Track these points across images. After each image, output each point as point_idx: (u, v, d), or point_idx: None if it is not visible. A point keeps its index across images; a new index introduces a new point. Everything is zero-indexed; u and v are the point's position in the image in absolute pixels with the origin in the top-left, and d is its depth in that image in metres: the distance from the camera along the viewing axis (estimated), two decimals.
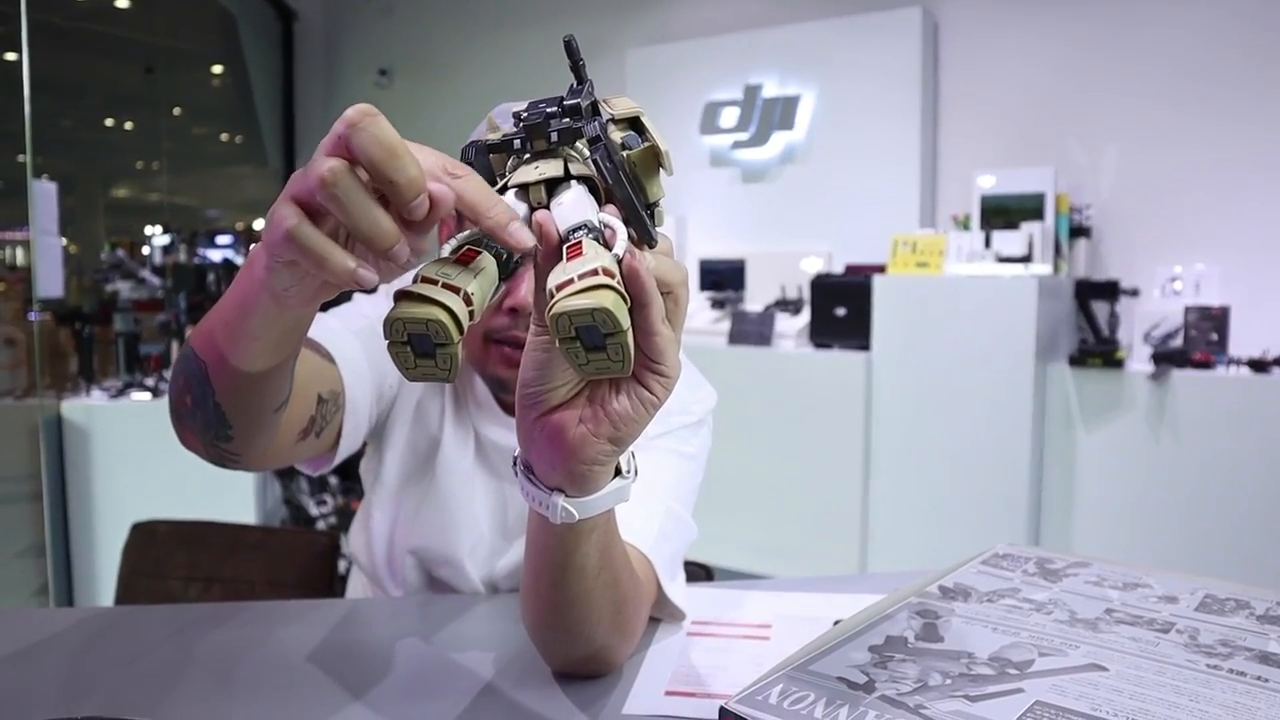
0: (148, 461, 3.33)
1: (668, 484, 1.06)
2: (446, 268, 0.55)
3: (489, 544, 1.18)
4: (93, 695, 0.85)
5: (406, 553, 1.20)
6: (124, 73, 5.95)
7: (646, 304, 0.59)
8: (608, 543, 0.78)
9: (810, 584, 1.15)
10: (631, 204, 0.60)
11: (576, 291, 0.54)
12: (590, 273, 0.55)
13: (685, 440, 1.11)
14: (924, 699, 0.56)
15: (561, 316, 0.54)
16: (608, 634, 0.84)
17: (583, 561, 0.76)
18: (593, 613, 0.80)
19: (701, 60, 4.66)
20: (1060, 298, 3.54)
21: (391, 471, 1.20)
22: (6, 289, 4.03)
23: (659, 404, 0.65)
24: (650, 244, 0.61)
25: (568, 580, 0.77)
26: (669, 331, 0.62)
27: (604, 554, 0.77)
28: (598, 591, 0.79)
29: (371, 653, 0.95)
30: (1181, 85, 3.66)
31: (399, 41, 6.06)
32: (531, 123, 0.59)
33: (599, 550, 0.76)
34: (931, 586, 0.76)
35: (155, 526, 1.72)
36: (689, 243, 4.74)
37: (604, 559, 0.78)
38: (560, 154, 0.60)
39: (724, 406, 1.19)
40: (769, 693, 0.57)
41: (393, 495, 1.21)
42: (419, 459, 1.20)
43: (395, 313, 0.53)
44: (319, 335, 1.02)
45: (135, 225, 6.18)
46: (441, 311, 0.52)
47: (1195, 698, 0.56)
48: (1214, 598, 0.74)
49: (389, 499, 1.21)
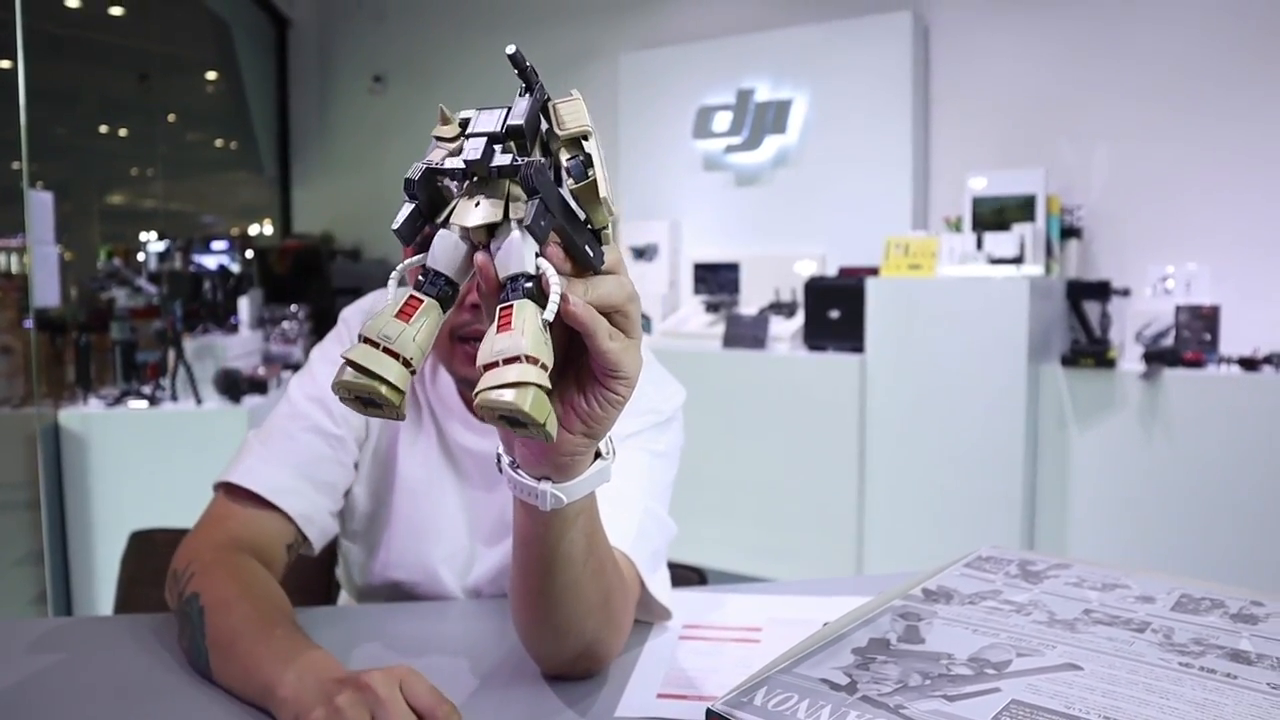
0: (145, 469, 3.34)
1: (642, 484, 1.08)
2: (388, 327, 0.60)
3: (465, 550, 1.20)
4: (93, 704, 0.86)
5: (385, 583, 1.22)
6: (118, 80, 5.97)
7: (591, 332, 0.64)
8: (592, 529, 0.81)
9: (801, 587, 1.16)
10: (571, 240, 0.62)
11: (498, 385, 0.57)
12: (514, 359, 0.58)
13: (655, 439, 1.13)
14: (904, 699, 0.58)
15: (485, 405, 0.58)
16: (598, 627, 0.87)
17: (569, 549, 0.79)
18: (582, 604, 0.84)
19: (694, 65, 4.69)
20: (1052, 298, 3.56)
21: (360, 502, 1.22)
22: (2, 297, 4.04)
23: (624, 401, 0.70)
24: (595, 270, 0.65)
25: (556, 570, 0.80)
26: (619, 344, 0.66)
27: (589, 540, 0.81)
28: (586, 580, 0.82)
29: (365, 658, 0.97)
30: (1171, 85, 3.69)
31: (393, 48, 6.08)
32: (471, 158, 0.60)
33: (585, 536, 0.80)
34: (915, 589, 0.78)
35: (153, 535, 1.72)
36: (683, 246, 4.76)
37: (590, 545, 0.81)
38: (502, 189, 0.62)
39: (718, 409, 1.22)
40: (754, 695, 0.59)
41: (364, 526, 1.23)
42: (381, 484, 1.22)
43: (341, 379, 0.60)
44: (269, 493, 1.09)
45: (130, 232, 6.19)
46: (380, 384, 0.59)
47: (1166, 695, 0.58)
48: (1189, 597, 0.76)
49: (361, 531, 1.24)
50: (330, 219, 6.39)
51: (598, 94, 5.13)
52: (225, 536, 1.04)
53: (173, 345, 3.50)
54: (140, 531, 1.71)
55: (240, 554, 1.02)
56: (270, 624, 0.89)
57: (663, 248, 4.69)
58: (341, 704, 0.71)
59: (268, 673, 0.82)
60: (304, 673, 0.79)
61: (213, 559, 0.99)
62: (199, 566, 0.98)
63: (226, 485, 1.10)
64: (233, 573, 0.97)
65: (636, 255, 4.73)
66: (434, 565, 1.19)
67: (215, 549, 1.01)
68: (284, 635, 0.87)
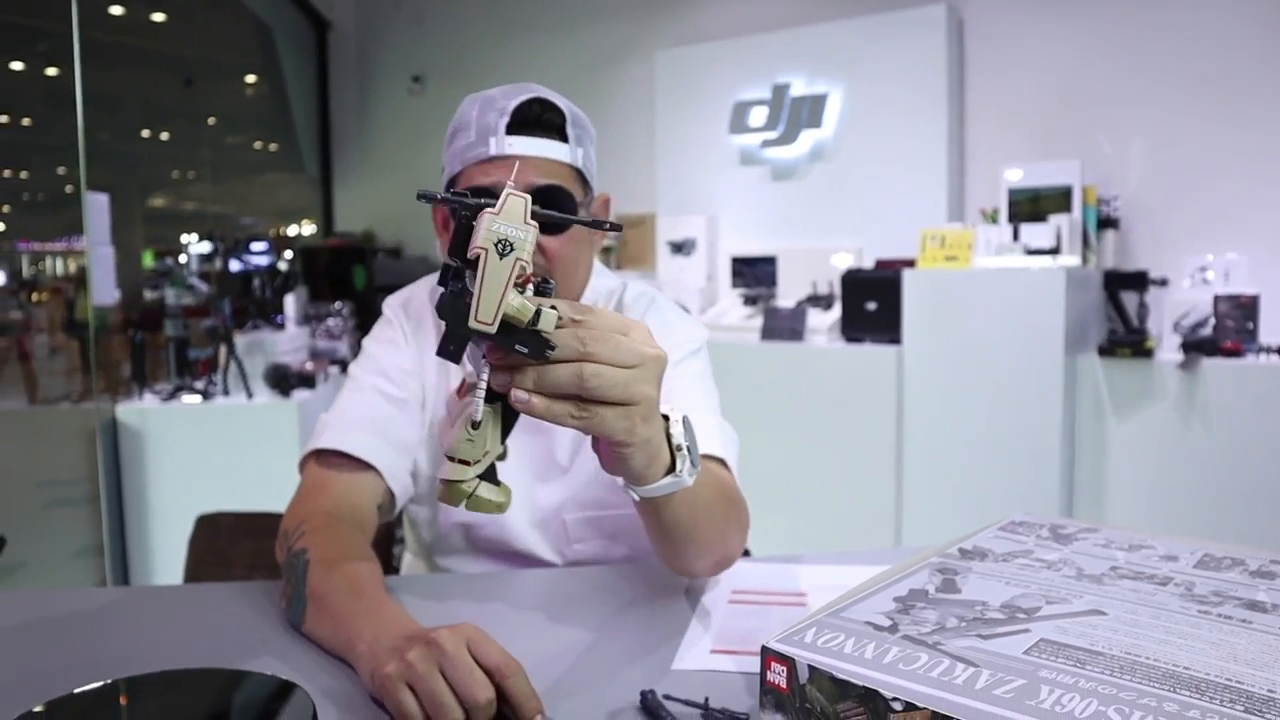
0: (200, 462, 3.45)
1: (702, 403, 1.23)
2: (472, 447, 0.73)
3: (523, 488, 1.29)
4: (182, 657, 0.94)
5: (453, 529, 1.32)
6: (161, 85, 6.09)
7: (552, 419, 0.72)
8: (693, 499, 0.92)
9: (844, 557, 1.22)
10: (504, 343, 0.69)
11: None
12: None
13: (696, 363, 1.29)
14: (941, 638, 0.63)
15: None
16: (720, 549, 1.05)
17: (674, 516, 0.92)
18: (700, 544, 1.00)
19: (730, 60, 4.73)
20: (1089, 289, 3.57)
21: (424, 467, 1.31)
22: (58, 297, 4.17)
23: (629, 443, 0.77)
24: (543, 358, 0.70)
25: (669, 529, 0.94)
26: (590, 416, 0.73)
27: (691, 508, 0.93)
28: (698, 530, 0.97)
29: (426, 621, 1.04)
30: (1207, 74, 3.68)
31: (431, 49, 6.17)
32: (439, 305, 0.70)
33: (686, 507, 0.91)
34: (952, 549, 0.84)
35: (219, 519, 1.80)
36: (721, 240, 4.81)
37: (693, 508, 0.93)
38: None
39: (756, 401, 1.31)
40: (805, 634, 0.65)
41: (428, 489, 1.33)
42: (439, 440, 1.31)
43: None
44: (358, 450, 1.20)
45: (171, 234, 6.33)
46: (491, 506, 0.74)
47: (1184, 636, 0.63)
48: (1211, 556, 0.81)
49: (426, 493, 1.33)
50: (371, 217, 6.50)
51: (635, 92, 5.20)
52: (329, 502, 1.15)
53: (224, 342, 3.60)
54: (207, 515, 1.79)
55: (343, 520, 1.12)
56: (361, 584, 0.97)
57: (700, 242, 4.74)
58: (412, 659, 0.77)
59: (352, 627, 0.89)
60: (381, 629, 0.86)
61: (321, 522, 1.09)
62: (309, 527, 1.08)
63: (316, 453, 1.20)
64: (336, 536, 1.07)
65: (674, 250, 4.79)
66: None
67: (321, 513, 1.12)
68: (371, 595, 0.95)
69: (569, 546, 1.31)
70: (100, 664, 0.91)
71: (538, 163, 1.15)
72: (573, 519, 1.30)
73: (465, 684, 0.75)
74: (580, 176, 1.21)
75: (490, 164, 1.15)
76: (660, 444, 0.81)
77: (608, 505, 1.27)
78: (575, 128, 1.19)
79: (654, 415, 0.78)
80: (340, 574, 0.99)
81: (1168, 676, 0.57)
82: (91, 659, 0.94)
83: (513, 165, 1.10)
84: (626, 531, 1.31)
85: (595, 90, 5.38)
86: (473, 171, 1.16)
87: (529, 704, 0.76)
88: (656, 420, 0.79)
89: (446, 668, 0.76)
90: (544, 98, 1.18)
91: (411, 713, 0.76)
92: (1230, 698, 0.54)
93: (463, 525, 1.31)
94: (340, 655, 0.91)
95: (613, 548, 1.32)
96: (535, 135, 1.16)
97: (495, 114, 1.15)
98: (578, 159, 1.19)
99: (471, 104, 1.19)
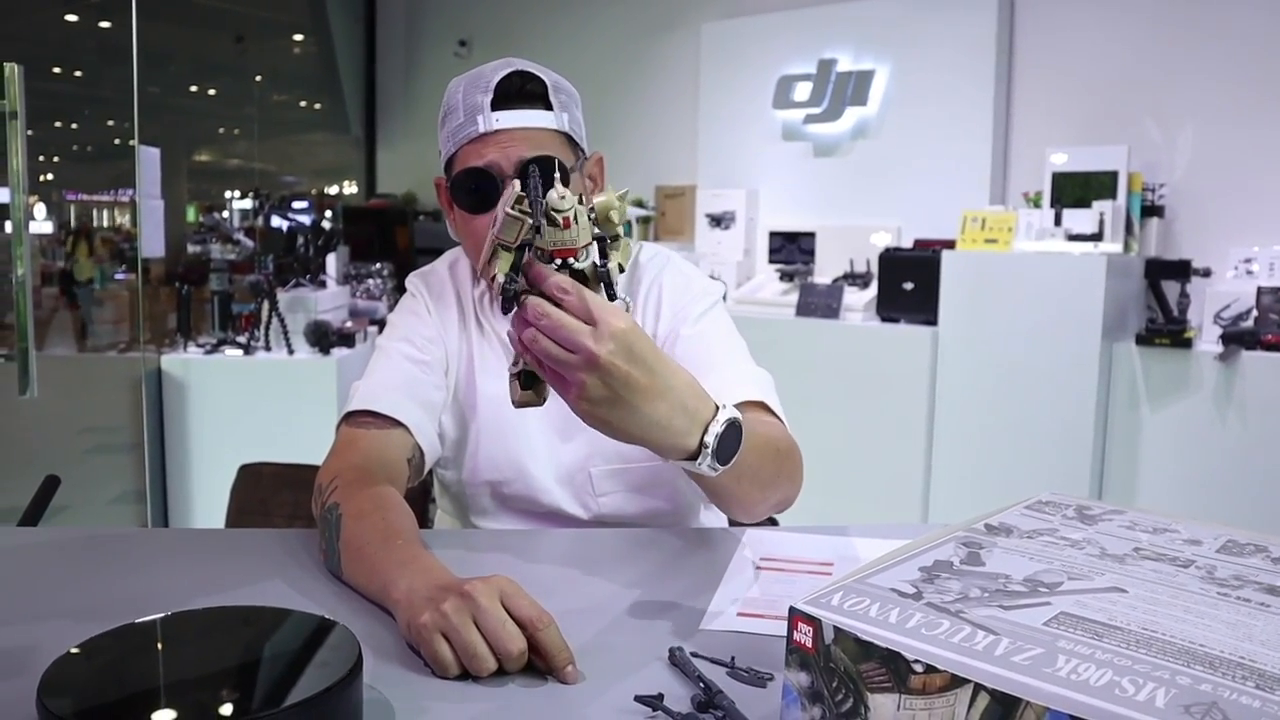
0: (240, 413, 3.52)
1: (732, 350, 1.31)
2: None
3: (545, 445, 1.34)
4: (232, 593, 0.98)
5: (482, 484, 1.37)
6: (213, 41, 6.15)
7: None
8: (738, 470, 0.98)
9: (870, 530, 1.24)
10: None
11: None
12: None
13: (719, 317, 1.35)
14: (964, 606, 0.66)
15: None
16: (774, 496, 1.14)
17: (720, 483, 0.98)
18: (753, 499, 1.09)
19: (775, 34, 4.71)
20: (1130, 277, 3.54)
21: (449, 430, 1.37)
22: (110, 248, 4.24)
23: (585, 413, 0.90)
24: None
25: (721, 491, 1.04)
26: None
27: (737, 473, 0.98)
28: (745, 490, 1.06)
29: (459, 574, 1.07)
30: (1260, 65, 3.62)
31: (478, 12, 6.17)
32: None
33: (730, 474, 0.97)
34: (978, 524, 0.86)
35: (260, 469, 1.85)
36: (760, 214, 4.81)
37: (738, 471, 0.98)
38: None
39: (790, 377, 1.33)
40: (831, 597, 0.67)
41: (454, 451, 1.38)
42: (465, 406, 1.37)
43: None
44: (387, 409, 1.25)
45: (215, 190, 6.40)
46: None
47: (1201, 615, 0.65)
48: (1235, 542, 0.83)
49: (452, 457, 1.39)
50: (413, 180, 6.54)
51: (679, 64, 5.18)
52: (360, 457, 1.19)
53: (267, 297, 3.66)
54: (249, 465, 1.83)
55: (374, 474, 1.16)
56: (394, 534, 1.01)
57: (739, 216, 4.74)
58: (447, 609, 0.81)
59: (386, 576, 0.93)
60: (415, 578, 0.90)
61: (354, 477, 1.13)
62: (341, 482, 1.12)
63: (347, 416, 1.26)
64: (368, 489, 1.11)
65: (713, 223, 4.79)
66: (522, 460, 1.33)
67: (354, 469, 1.16)
68: (404, 545, 0.98)
69: (595, 500, 1.35)
70: (151, 599, 0.95)
71: (526, 134, 1.22)
72: (598, 471, 1.33)
73: (498, 635, 0.79)
74: (569, 140, 1.27)
75: (481, 142, 1.22)
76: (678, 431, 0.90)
77: (632, 459, 1.30)
78: (558, 94, 1.26)
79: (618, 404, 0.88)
80: (371, 524, 1.03)
81: (1183, 652, 0.59)
82: (142, 593, 0.99)
83: (503, 142, 1.21)
84: (651, 484, 1.35)
85: (641, 61, 5.37)
86: (466, 151, 1.23)
87: (560, 655, 0.80)
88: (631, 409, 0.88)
89: (480, 619, 0.79)
90: (523, 69, 1.25)
91: (447, 662, 0.79)
92: (1243, 674, 0.56)
93: (489, 483, 1.36)
94: (377, 603, 0.95)
95: (638, 501, 1.35)
96: (520, 107, 1.23)
97: (480, 92, 1.22)
98: (564, 124, 1.25)
99: (457, 86, 1.26)
